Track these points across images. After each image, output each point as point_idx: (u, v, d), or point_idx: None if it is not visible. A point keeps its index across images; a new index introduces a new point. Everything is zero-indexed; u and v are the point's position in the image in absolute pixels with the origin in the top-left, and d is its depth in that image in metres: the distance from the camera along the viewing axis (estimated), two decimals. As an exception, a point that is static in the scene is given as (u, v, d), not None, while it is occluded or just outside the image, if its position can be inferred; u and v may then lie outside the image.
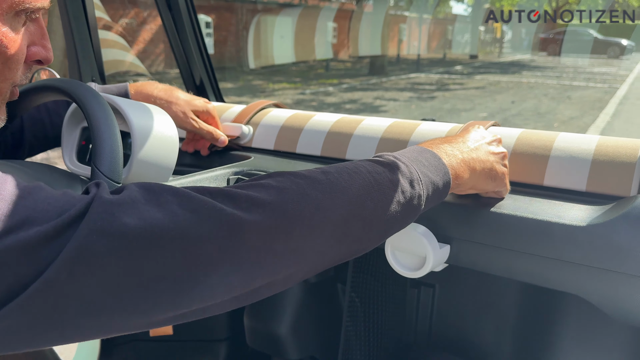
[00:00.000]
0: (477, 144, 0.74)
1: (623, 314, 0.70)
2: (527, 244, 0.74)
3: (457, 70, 15.22)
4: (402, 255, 0.81)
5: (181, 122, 1.08)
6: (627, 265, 0.67)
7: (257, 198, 0.51)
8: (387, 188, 0.58)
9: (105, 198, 0.46)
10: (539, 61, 16.94)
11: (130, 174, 0.84)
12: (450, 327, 1.28)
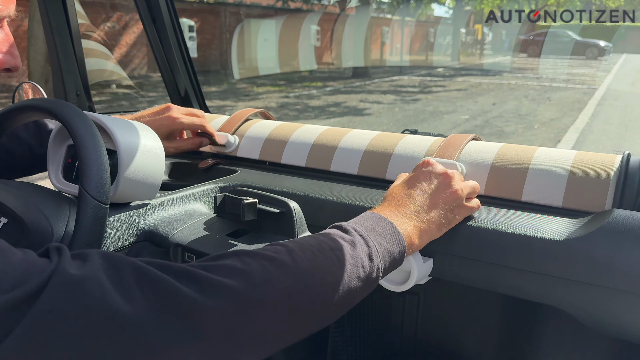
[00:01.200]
0: (428, 199, 0.75)
1: (600, 325, 0.72)
2: (507, 258, 0.76)
3: (439, 72, 15.35)
4: (387, 270, 0.83)
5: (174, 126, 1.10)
6: (604, 278, 0.70)
7: (220, 283, 0.49)
8: (349, 265, 0.60)
9: (65, 274, 0.44)
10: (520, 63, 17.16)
11: (117, 192, 0.85)
12: (435, 335, 1.30)
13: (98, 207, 0.72)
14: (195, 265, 0.52)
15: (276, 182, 1.02)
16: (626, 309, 0.69)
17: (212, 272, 0.51)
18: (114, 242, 0.84)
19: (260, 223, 0.84)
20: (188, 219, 0.91)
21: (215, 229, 0.86)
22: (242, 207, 0.79)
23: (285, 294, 0.53)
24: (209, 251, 0.78)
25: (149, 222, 0.89)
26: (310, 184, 1.00)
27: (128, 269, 0.47)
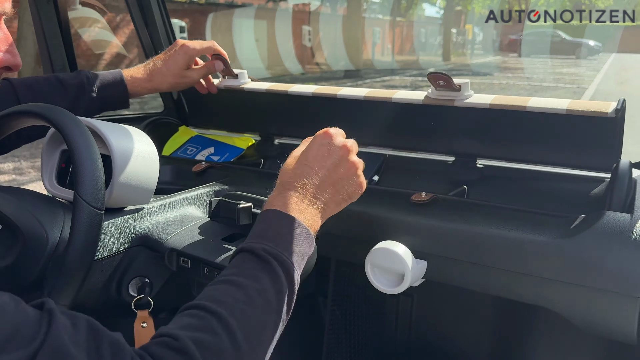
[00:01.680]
0: (326, 177, 0.72)
1: (591, 326, 0.73)
2: (500, 260, 0.77)
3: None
4: (381, 272, 0.84)
5: (180, 89, 1.16)
6: (594, 280, 0.71)
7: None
8: (276, 304, 0.62)
9: (53, 345, 0.46)
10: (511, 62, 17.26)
11: (111, 197, 0.85)
12: (429, 336, 1.31)
13: (93, 213, 0.72)
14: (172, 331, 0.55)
15: (270, 186, 1.02)
16: (616, 310, 0.70)
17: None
18: (108, 247, 0.85)
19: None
20: (183, 223, 0.91)
21: (210, 233, 0.86)
22: (237, 212, 0.80)
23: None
24: (204, 256, 0.79)
25: (143, 227, 0.89)
26: None
27: (106, 346, 0.50)
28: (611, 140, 0.90)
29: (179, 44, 1.14)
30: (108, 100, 1.08)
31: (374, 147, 1.22)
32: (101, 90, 1.06)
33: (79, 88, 1.04)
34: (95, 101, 1.06)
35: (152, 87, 1.11)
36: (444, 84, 0.98)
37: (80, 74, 1.06)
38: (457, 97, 1.00)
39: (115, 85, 1.07)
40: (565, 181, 1.01)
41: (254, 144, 1.38)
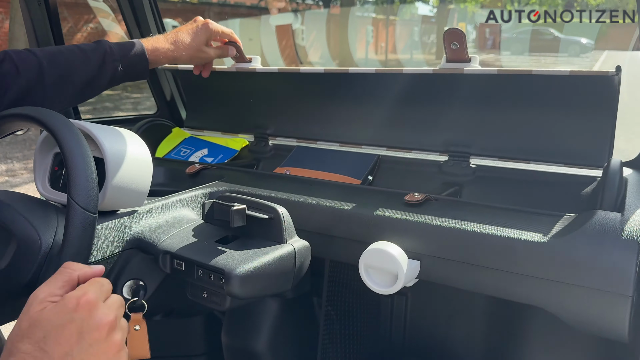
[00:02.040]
0: None
1: (582, 324, 0.74)
2: (492, 260, 0.78)
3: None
4: (375, 273, 0.84)
5: (195, 63, 1.19)
6: (585, 279, 0.71)
7: None
8: None
9: None
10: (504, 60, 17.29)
11: (105, 200, 0.85)
12: (423, 334, 1.31)
13: (86, 216, 0.72)
14: None
15: (264, 187, 1.02)
16: (607, 309, 0.71)
17: None
18: (102, 251, 0.84)
19: (249, 229, 0.84)
20: (176, 225, 0.91)
21: (204, 236, 0.86)
22: (231, 214, 0.80)
23: None
24: (198, 258, 0.79)
25: (137, 230, 0.89)
26: (299, 188, 1.01)
27: None
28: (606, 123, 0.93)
29: (200, 21, 1.16)
30: (130, 70, 1.07)
31: (368, 147, 1.22)
32: (124, 60, 1.05)
33: (102, 58, 1.03)
34: (119, 71, 1.05)
35: (172, 56, 1.11)
36: (457, 47, 0.98)
37: (101, 44, 1.05)
38: (465, 67, 1.00)
39: (136, 55, 1.07)
40: (558, 180, 1.02)
41: (247, 145, 1.38)
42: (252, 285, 0.76)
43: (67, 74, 1.00)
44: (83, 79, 1.02)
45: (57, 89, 0.99)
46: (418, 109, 1.13)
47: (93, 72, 1.02)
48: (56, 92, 1.00)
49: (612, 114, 0.94)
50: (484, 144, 1.08)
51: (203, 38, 1.14)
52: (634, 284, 0.69)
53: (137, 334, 0.87)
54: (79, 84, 1.02)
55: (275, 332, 1.11)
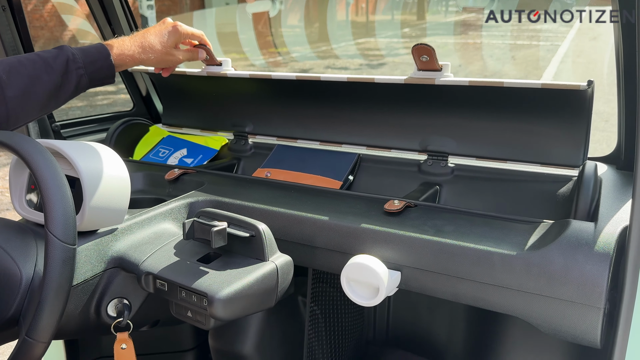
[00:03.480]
0: None
1: (557, 333, 0.77)
2: (470, 272, 0.79)
3: (405, 33, 15.23)
4: (357, 286, 0.86)
5: (163, 66, 1.16)
6: (559, 292, 0.74)
7: None
8: None
9: None
10: (484, 20, 17.13)
11: (83, 222, 0.84)
12: (407, 325, 1.35)
13: (66, 249, 0.72)
14: None
15: (245, 195, 1.02)
16: (581, 319, 0.74)
17: None
18: (84, 272, 0.84)
19: (230, 246, 0.85)
20: (158, 241, 0.91)
21: (186, 254, 0.86)
22: (212, 235, 0.80)
23: None
24: (180, 280, 0.79)
25: (118, 248, 0.89)
26: (280, 196, 1.01)
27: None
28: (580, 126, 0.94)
29: (169, 23, 1.13)
30: (95, 76, 1.04)
31: (348, 146, 1.22)
32: (88, 66, 1.02)
33: (65, 66, 0.99)
34: (84, 78, 1.02)
35: (139, 59, 1.09)
36: (427, 60, 0.99)
37: (63, 51, 1.01)
38: (437, 76, 1.01)
39: (101, 60, 1.03)
40: (534, 180, 1.03)
41: (227, 144, 1.37)
42: (235, 307, 0.77)
43: (30, 86, 0.96)
44: (47, 90, 0.98)
45: (20, 102, 0.95)
46: (395, 111, 1.12)
47: (57, 82, 0.98)
48: (19, 106, 0.95)
49: (586, 117, 0.95)
50: (461, 144, 1.09)
51: (171, 41, 1.12)
52: (605, 296, 0.72)
53: (124, 352, 0.88)
54: (42, 95, 0.98)
55: (262, 334, 1.13)
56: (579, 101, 0.93)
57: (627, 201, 0.87)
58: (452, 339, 1.30)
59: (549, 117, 0.98)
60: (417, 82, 1.00)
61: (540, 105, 0.96)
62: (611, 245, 0.73)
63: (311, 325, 1.16)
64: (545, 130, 1.00)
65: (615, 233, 0.75)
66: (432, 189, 1.07)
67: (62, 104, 1.04)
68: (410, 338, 1.35)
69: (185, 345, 1.45)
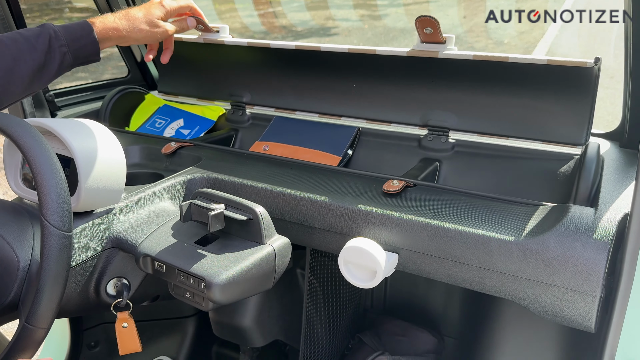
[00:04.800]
0: None
1: (552, 317, 0.77)
2: (467, 256, 0.79)
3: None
4: (355, 268, 0.86)
5: (152, 40, 1.10)
6: (556, 279, 0.74)
7: None
8: None
9: None
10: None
11: (79, 203, 0.84)
12: (404, 295, 1.37)
13: (62, 236, 0.71)
14: None
15: (242, 172, 1.01)
16: (576, 305, 0.74)
17: None
18: (82, 253, 0.85)
19: (228, 228, 0.84)
20: (155, 221, 0.91)
21: (184, 235, 0.86)
22: (209, 220, 0.79)
23: None
24: (179, 264, 0.79)
25: (115, 229, 0.88)
26: (278, 173, 1.00)
27: None
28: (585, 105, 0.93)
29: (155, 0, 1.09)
30: (80, 54, 1.01)
31: (348, 119, 1.20)
32: (72, 44, 0.99)
33: (47, 44, 0.97)
34: (67, 56, 0.99)
35: (124, 35, 1.05)
36: (431, 32, 0.96)
37: (45, 29, 0.97)
38: (440, 49, 0.99)
39: (84, 37, 1.00)
40: (536, 158, 1.02)
41: (224, 114, 1.35)
42: (233, 291, 0.77)
43: (13, 67, 0.93)
44: (30, 70, 0.95)
45: (2, 84, 0.93)
46: (396, 84, 1.10)
47: (40, 62, 0.96)
48: (2, 87, 0.93)
49: (591, 95, 0.93)
50: (463, 119, 1.07)
51: (157, 14, 1.07)
52: (602, 284, 0.72)
53: (125, 331, 0.89)
54: (26, 76, 0.95)
55: (261, 307, 1.15)
56: (584, 78, 0.91)
57: (629, 184, 0.86)
58: (448, 309, 1.32)
59: (553, 93, 0.96)
60: (420, 54, 0.97)
61: (545, 81, 0.94)
62: (610, 234, 0.73)
63: (309, 297, 1.17)
64: (548, 107, 0.98)
65: (615, 220, 0.75)
66: (432, 165, 1.05)
67: (47, 84, 1.01)
68: (407, 307, 1.37)
69: (186, 312, 1.47)
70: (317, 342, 1.21)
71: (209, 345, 1.49)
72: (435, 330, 1.30)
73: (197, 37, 1.22)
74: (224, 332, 1.19)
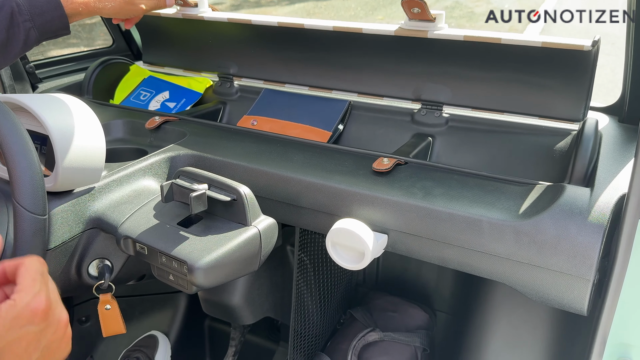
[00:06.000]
0: None
1: (544, 300, 0.75)
2: (458, 238, 0.77)
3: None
4: (343, 250, 0.84)
5: (124, 16, 1.06)
6: (549, 262, 0.72)
7: None
8: None
9: None
10: None
11: (57, 183, 0.81)
12: (396, 270, 1.35)
13: (36, 220, 0.69)
14: None
15: (229, 149, 0.98)
16: (569, 289, 0.72)
17: None
18: (61, 234, 0.82)
19: (212, 208, 0.82)
20: (137, 200, 0.88)
21: (166, 216, 0.83)
22: (191, 201, 0.77)
23: None
24: (160, 246, 0.77)
25: (96, 209, 0.86)
26: (266, 151, 0.97)
27: None
28: (582, 82, 0.89)
29: None
30: (46, 28, 0.95)
31: (338, 92, 1.16)
32: (37, 18, 0.93)
33: (10, 19, 0.91)
34: (32, 32, 0.94)
35: (95, 8, 1.00)
36: (419, 12, 0.92)
37: (7, 2, 0.91)
38: (430, 29, 0.94)
39: (51, 10, 0.94)
40: (531, 133, 0.98)
41: (211, 86, 1.30)
42: (217, 275, 0.75)
43: None
44: None
45: None
46: (388, 57, 1.05)
47: (1, 38, 0.90)
48: None
49: (589, 74, 0.89)
50: (457, 94, 1.03)
51: None
52: (595, 267, 0.70)
53: (109, 313, 0.87)
54: None
55: (250, 284, 1.13)
56: (581, 60, 0.87)
57: (627, 161, 0.83)
58: (441, 284, 1.31)
59: (550, 70, 0.92)
60: (408, 34, 0.93)
61: (541, 60, 0.90)
62: (606, 216, 0.70)
63: (300, 273, 1.15)
64: (545, 82, 0.94)
65: (611, 202, 0.72)
66: (424, 141, 1.02)
67: (12, 61, 0.96)
68: (399, 282, 1.35)
69: (176, 287, 1.46)
70: (308, 318, 1.20)
71: (200, 320, 1.48)
72: (427, 305, 1.29)
73: (176, 12, 1.17)
74: (213, 310, 1.18)
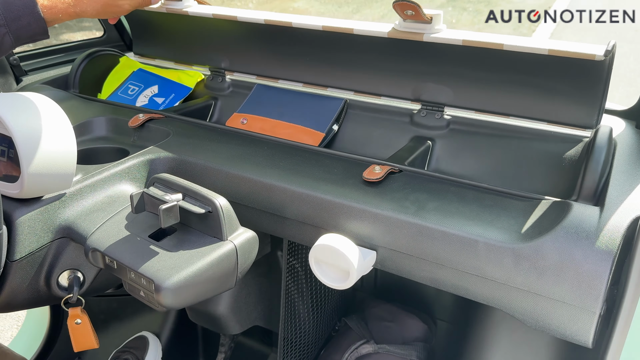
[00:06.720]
0: None
1: (545, 329, 0.68)
2: (451, 259, 0.70)
3: None
4: (327, 267, 0.78)
5: (107, 17, 1.02)
6: (551, 291, 0.65)
7: None
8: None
9: None
10: None
11: (23, 189, 0.75)
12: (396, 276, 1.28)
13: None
14: None
15: (212, 152, 0.91)
16: (572, 320, 0.65)
17: None
18: (29, 244, 0.77)
19: (186, 220, 0.76)
20: (110, 208, 0.83)
21: (137, 226, 0.78)
22: (160, 214, 0.71)
23: None
24: (127, 261, 0.71)
25: (66, 216, 0.80)
26: (253, 154, 0.90)
27: None
28: (595, 89, 0.81)
29: None
30: (22, 34, 0.90)
31: (334, 90, 1.09)
32: (12, 23, 0.88)
33: None
34: (7, 37, 0.88)
35: (74, 12, 0.94)
36: (413, 14, 0.84)
37: None
38: (426, 31, 0.87)
39: (27, 15, 0.89)
40: (538, 139, 0.90)
41: (203, 80, 1.24)
42: (187, 295, 0.70)
43: None
44: None
45: None
46: (386, 54, 0.97)
47: None
48: None
49: (603, 83, 0.80)
50: (459, 95, 0.95)
51: None
52: (602, 299, 0.62)
53: (79, 327, 0.83)
54: None
55: (237, 293, 1.07)
56: (593, 70, 0.79)
57: (643, 176, 0.75)
58: (441, 291, 1.24)
59: (558, 75, 0.83)
60: (402, 37, 0.85)
61: (549, 66, 0.82)
62: (616, 242, 0.63)
63: (290, 280, 1.09)
64: (554, 85, 0.86)
65: (622, 225, 0.64)
66: (423, 145, 0.95)
67: None
68: (399, 288, 1.29)
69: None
70: (300, 326, 1.14)
71: (192, 321, 1.44)
72: (428, 313, 1.23)
73: (160, 5, 1.10)
74: (199, 318, 1.13)
